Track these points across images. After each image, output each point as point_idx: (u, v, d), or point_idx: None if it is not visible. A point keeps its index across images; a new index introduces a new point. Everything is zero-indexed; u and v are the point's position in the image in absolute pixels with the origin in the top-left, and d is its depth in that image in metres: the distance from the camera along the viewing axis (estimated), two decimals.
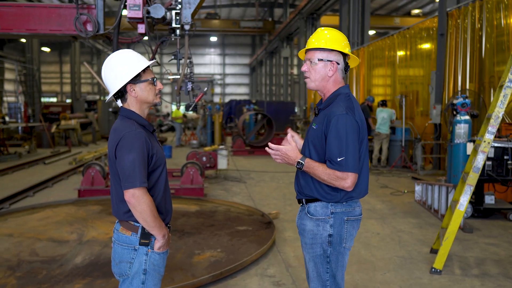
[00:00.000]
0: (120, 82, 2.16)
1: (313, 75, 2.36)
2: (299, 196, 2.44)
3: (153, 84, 2.23)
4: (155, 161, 2.16)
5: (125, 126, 2.13)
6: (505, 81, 4.29)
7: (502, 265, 4.48)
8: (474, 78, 8.96)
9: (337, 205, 2.31)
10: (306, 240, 2.37)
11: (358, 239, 5.29)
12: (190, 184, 7.67)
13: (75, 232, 5.44)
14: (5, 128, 16.04)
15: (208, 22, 28.66)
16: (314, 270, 2.36)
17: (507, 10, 7.93)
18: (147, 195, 2.06)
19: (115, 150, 2.11)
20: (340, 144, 2.19)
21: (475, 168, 4.34)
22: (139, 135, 2.10)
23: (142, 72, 2.19)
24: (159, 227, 2.11)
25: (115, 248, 2.21)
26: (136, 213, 2.06)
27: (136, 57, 2.22)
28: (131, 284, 2.16)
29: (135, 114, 2.20)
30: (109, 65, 2.20)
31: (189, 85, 5.10)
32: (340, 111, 2.23)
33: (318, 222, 2.32)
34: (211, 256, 4.57)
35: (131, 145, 2.07)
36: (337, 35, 2.35)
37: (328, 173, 2.20)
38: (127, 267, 2.16)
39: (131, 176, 2.04)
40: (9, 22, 4.94)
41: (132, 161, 2.05)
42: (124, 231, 2.17)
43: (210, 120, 16.64)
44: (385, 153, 11.29)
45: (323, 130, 2.27)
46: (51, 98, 41.09)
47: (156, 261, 2.18)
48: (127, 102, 2.22)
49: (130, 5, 4.60)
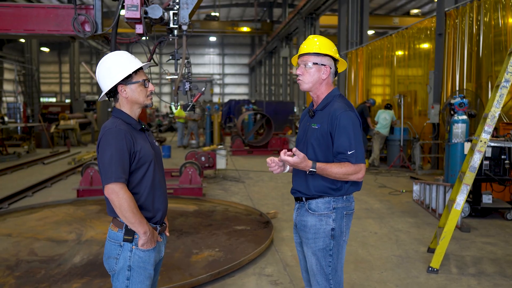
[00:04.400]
0: (111, 82, 2.22)
1: (307, 77, 2.48)
2: (298, 194, 2.52)
3: (144, 86, 2.27)
4: (139, 159, 2.19)
5: (108, 124, 2.20)
6: (501, 81, 4.31)
7: (499, 264, 4.50)
8: (472, 78, 8.98)
9: (338, 201, 2.42)
10: (308, 235, 2.45)
11: (356, 238, 5.30)
12: (188, 184, 7.68)
13: (74, 232, 5.45)
14: (4, 128, 16.04)
15: (207, 23, 28.68)
16: (317, 264, 2.44)
17: (505, 10, 7.95)
18: (124, 190, 2.09)
19: (98, 147, 2.18)
20: (349, 138, 2.33)
21: (471, 168, 4.36)
22: (118, 132, 2.14)
23: (134, 73, 2.24)
24: (139, 223, 2.13)
25: (105, 244, 2.26)
26: (116, 208, 2.11)
27: (128, 58, 2.26)
28: (117, 279, 2.21)
29: (124, 113, 2.26)
30: (103, 65, 2.25)
31: (187, 85, 5.11)
32: (343, 108, 2.38)
33: (320, 217, 2.42)
34: (209, 256, 4.58)
35: (109, 142, 2.12)
36: (327, 42, 2.51)
37: (345, 169, 2.31)
38: (113, 262, 2.20)
39: (108, 172, 2.09)
40: (7, 22, 4.94)
41: (109, 158, 2.10)
42: (113, 227, 2.23)
43: (209, 120, 16.64)
44: (378, 153, 11.35)
45: (327, 129, 2.38)
46: (50, 98, 41.08)
47: (141, 258, 2.20)
48: (119, 102, 2.27)
49: (128, 5, 4.60)
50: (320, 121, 2.43)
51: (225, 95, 44.23)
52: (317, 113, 2.49)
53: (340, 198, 2.43)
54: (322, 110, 2.47)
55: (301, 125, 2.65)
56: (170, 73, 5.09)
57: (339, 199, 2.43)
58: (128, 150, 2.15)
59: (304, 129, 2.56)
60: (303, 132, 2.56)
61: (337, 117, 2.34)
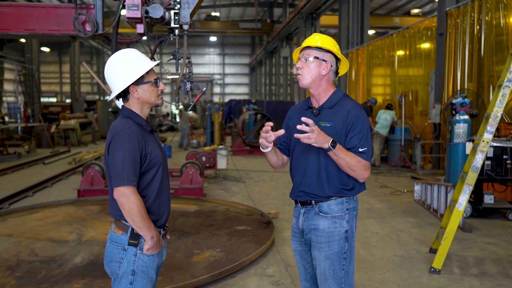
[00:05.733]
0: (123, 83, 2.15)
1: (306, 72, 2.38)
2: (306, 197, 2.38)
3: (155, 85, 2.22)
4: (149, 161, 2.14)
5: (120, 125, 2.13)
6: (503, 81, 4.29)
7: (501, 265, 4.48)
8: (473, 78, 8.96)
9: (350, 201, 2.38)
10: (321, 239, 2.34)
11: (358, 239, 5.29)
12: (189, 184, 7.67)
13: (74, 232, 5.44)
14: (5, 128, 16.04)
15: (208, 23, 28.67)
16: (330, 268, 2.34)
17: (506, 9, 7.93)
18: (135, 194, 2.04)
19: (108, 148, 2.12)
20: (363, 136, 2.30)
21: (474, 168, 4.34)
22: (131, 134, 2.09)
23: (145, 73, 2.17)
24: (147, 228, 2.08)
25: (107, 247, 2.20)
26: (124, 211, 2.05)
27: (139, 57, 2.19)
28: (119, 283, 2.16)
29: (134, 113, 2.19)
30: (113, 65, 2.18)
31: (188, 85, 5.10)
32: (358, 107, 2.36)
33: (334, 220, 2.34)
34: (210, 256, 4.57)
35: (122, 143, 2.06)
36: (331, 40, 2.43)
37: (356, 160, 2.26)
38: (116, 266, 2.15)
39: (120, 174, 2.03)
40: (7, 22, 4.94)
41: (121, 159, 2.04)
42: (116, 230, 2.17)
43: (210, 120, 16.61)
44: (378, 153, 11.34)
45: (342, 126, 2.32)
46: (51, 98, 41.08)
47: (145, 262, 2.15)
48: (129, 102, 2.21)
49: (129, 5, 4.60)
50: (332, 118, 2.34)
51: (226, 95, 44.21)
52: (324, 111, 2.38)
53: (351, 198, 2.37)
54: (331, 108, 2.37)
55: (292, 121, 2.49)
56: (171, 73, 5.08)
57: (350, 199, 2.37)
58: (140, 152, 2.10)
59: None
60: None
61: (355, 115, 2.30)
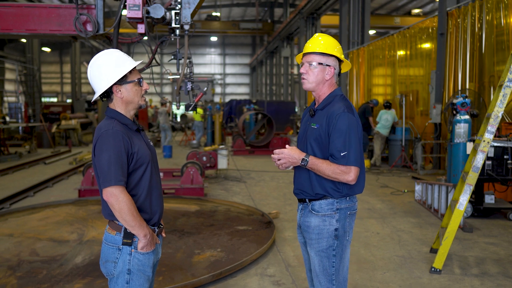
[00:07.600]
0: (106, 83, 2.15)
1: (311, 77, 2.48)
2: (301, 195, 2.52)
3: (139, 85, 2.22)
4: (137, 160, 2.15)
5: (104, 126, 2.14)
6: (504, 81, 4.29)
7: (502, 265, 4.48)
8: (474, 78, 8.95)
9: (342, 201, 2.42)
10: (312, 236, 2.45)
11: (358, 239, 5.29)
12: (190, 184, 7.67)
13: (75, 232, 5.44)
14: (6, 128, 16.05)
15: (208, 23, 28.68)
16: (320, 265, 2.44)
17: (507, 9, 7.93)
18: (124, 193, 2.05)
19: (94, 150, 2.12)
20: (344, 139, 2.33)
21: (474, 168, 4.34)
22: (116, 134, 2.09)
23: (129, 73, 2.18)
24: (139, 227, 2.09)
25: (102, 248, 2.21)
26: (115, 211, 2.06)
27: (122, 57, 2.20)
28: (116, 283, 2.16)
29: (119, 113, 2.20)
30: (96, 65, 2.18)
31: (189, 85, 5.10)
32: (341, 109, 2.38)
33: (324, 218, 2.43)
34: (211, 256, 4.57)
35: (107, 143, 2.07)
36: (333, 41, 2.50)
37: (332, 168, 2.32)
38: (112, 266, 2.15)
39: (107, 174, 2.04)
40: (8, 22, 4.94)
41: (107, 160, 2.05)
42: (110, 230, 2.18)
43: (211, 120, 16.61)
44: (378, 153, 11.34)
45: (325, 129, 2.39)
46: (52, 98, 41.12)
47: (140, 261, 2.16)
48: (113, 102, 2.21)
49: (130, 5, 4.60)
50: (320, 121, 2.43)
51: (226, 95, 44.21)
52: (318, 112, 2.50)
53: (343, 199, 2.43)
54: (322, 110, 2.47)
55: (302, 124, 2.65)
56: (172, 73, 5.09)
57: (342, 200, 2.42)
58: (126, 151, 2.10)
59: (304, 128, 2.57)
60: (303, 131, 2.57)
61: (334, 118, 2.35)
